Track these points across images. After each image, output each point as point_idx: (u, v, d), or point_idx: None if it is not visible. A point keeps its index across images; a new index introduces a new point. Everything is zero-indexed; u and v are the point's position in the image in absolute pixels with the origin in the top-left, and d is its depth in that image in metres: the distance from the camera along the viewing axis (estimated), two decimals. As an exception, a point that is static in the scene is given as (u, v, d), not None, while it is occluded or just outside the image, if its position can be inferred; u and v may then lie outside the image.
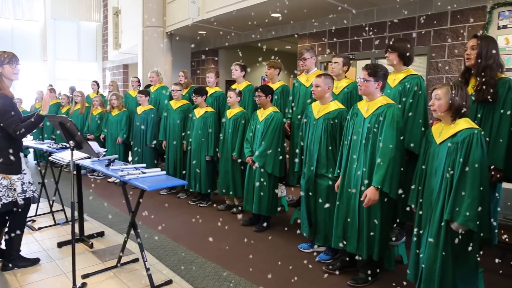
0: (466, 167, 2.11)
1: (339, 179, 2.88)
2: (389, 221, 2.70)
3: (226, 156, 4.43)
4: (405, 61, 2.93)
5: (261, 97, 3.90)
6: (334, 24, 5.92)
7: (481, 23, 4.41)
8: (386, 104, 2.64)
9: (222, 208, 4.69)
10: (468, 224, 2.08)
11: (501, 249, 3.39)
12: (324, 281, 2.87)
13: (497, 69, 2.47)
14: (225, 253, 3.34)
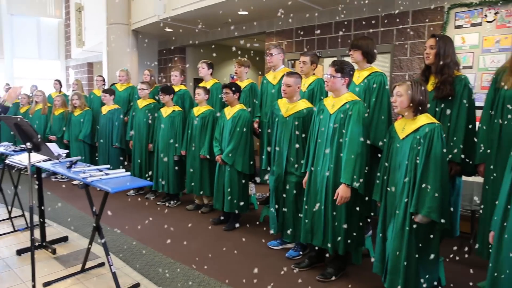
0: (428, 161, 2.18)
1: (307, 175, 2.92)
2: (356, 216, 2.75)
3: (193, 154, 4.38)
4: (369, 58, 3.00)
5: (228, 95, 3.88)
6: (301, 22, 5.98)
7: (440, 22, 4.58)
8: (352, 100, 2.68)
9: (191, 208, 4.63)
10: (431, 216, 2.16)
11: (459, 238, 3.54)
12: (293, 277, 2.90)
13: (454, 67, 2.58)
14: (194, 253, 3.30)
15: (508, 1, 4.12)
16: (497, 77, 2.41)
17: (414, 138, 2.26)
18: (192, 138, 4.41)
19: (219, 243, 3.56)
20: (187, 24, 7.04)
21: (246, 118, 3.85)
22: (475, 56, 4.37)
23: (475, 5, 4.33)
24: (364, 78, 3.00)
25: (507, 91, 2.30)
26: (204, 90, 4.35)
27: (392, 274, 2.33)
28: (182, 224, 4.02)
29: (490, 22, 4.26)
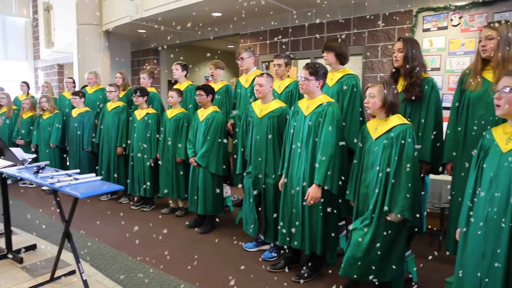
0: (401, 161, 2.24)
1: (283, 177, 2.93)
2: (332, 216, 2.78)
3: (167, 157, 4.33)
4: (341, 60, 3.05)
5: (202, 96, 3.85)
6: (275, 24, 6.02)
7: (409, 26, 4.71)
8: (327, 102, 2.71)
9: (166, 212, 4.57)
10: (404, 214, 2.22)
11: (429, 235, 3.66)
12: (269, 279, 2.90)
13: (421, 69, 2.65)
14: (169, 257, 3.25)
15: (471, 6, 4.29)
16: (462, 79, 2.49)
17: (387, 139, 2.31)
18: (166, 140, 4.35)
19: (194, 246, 3.53)
20: (160, 25, 6.94)
21: (220, 119, 3.83)
22: (442, 59, 4.52)
23: (441, 9, 4.48)
24: (337, 80, 3.04)
25: (472, 93, 2.38)
26: (177, 92, 4.30)
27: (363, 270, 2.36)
28: (156, 228, 3.96)
29: (455, 26, 4.42)
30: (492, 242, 1.77)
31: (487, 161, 1.86)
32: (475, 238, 1.84)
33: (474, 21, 4.30)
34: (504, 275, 1.71)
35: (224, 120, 3.91)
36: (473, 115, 2.36)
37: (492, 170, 1.81)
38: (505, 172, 1.75)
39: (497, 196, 1.76)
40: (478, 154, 1.93)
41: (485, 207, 1.80)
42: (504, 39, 2.21)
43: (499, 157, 1.79)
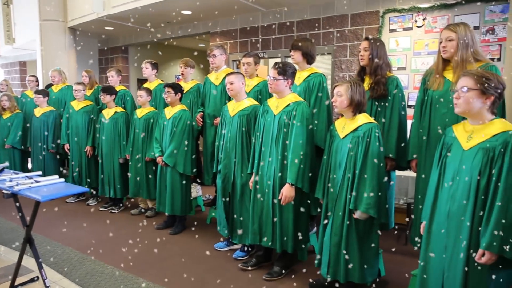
0: (366, 159, 2.28)
1: (253, 176, 2.93)
2: (303, 214, 2.81)
3: (138, 157, 4.24)
4: (308, 59, 3.08)
5: (170, 94, 3.79)
6: (245, 22, 6.01)
7: (376, 26, 4.83)
8: (296, 101, 2.72)
9: (136, 213, 4.47)
10: (369, 212, 2.26)
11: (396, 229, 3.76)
12: (240, 278, 2.90)
13: (386, 68, 2.72)
14: (138, 259, 3.18)
15: (434, 9, 4.44)
16: (425, 78, 2.57)
17: (353, 137, 2.35)
18: (136, 140, 4.26)
19: (164, 247, 3.47)
20: (128, 23, 6.78)
21: (187, 118, 3.78)
22: (408, 58, 4.66)
23: (406, 11, 4.61)
24: (304, 78, 3.07)
25: (434, 92, 2.46)
26: (146, 91, 4.22)
27: (334, 268, 2.41)
28: (126, 230, 3.87)
29: (419, 27, 4.56)
30: (453, 236, 1.83)
31: (449, 158, 1.92)
32: (438, 233, 1.91)
33: (436, 22, 4.46)
34: (464, 267, 1.78)
35: (191, 119, 3.86)
36: (436, 114, 2.44)
37: (454, 167, 1.87)
38: (466, 169, 1.81)
39: (458, 192, 1.82)
40: (440, 151, 1.99)
41: (447, 203, 1.87)
42: (462, 41, 2.29)
43: (461, 155, 1.85)
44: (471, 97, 1.79)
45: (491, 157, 1.74)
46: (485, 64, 2.29)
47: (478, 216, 1.75)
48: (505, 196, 1.66)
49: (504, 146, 1.71)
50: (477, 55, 2.32)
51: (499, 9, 4.12)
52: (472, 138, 1.84)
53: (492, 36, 4.17)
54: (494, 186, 1.71)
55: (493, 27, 4.16)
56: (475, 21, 4.20)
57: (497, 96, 1.80)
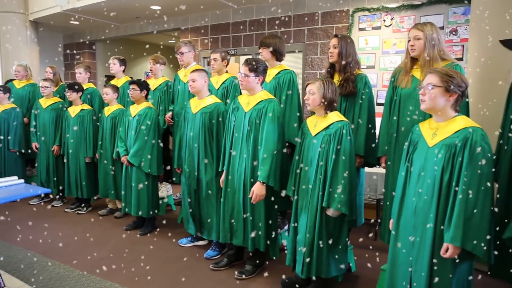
0: (338, 157, 2.30)
1: (223, 174, 2.89)
2: (274, 212, 2.80)
3: (106, 156, 4.11)
4: (277, 56, 3.07)
5: (135, 91, 3.69)
6: (216, 19, 5.95)
7: (346, 24, 4.89)
8: (267, 99, 2.71)
9: (104, 213, 4.34)
10: (341, 209, 2.28)
11: (367, 225, 3.83)
12: (212, 277, 2.86)
13: (355, 66, 2.76)
14: (106, 262, 3.08)
15: (401, 9, 4.55)
16: (394, 76, 2.62)
17: (325, 135, 2.36)
18: (104, 139, 4.13)
19: (134, 248, 3.38)
20: (95, 17, 6.55)
21: (153, 115, 3.68)
22: (377, 57, 4.75)
23: (375, 10, 4.69)
24: (274, 75, 3.07)
25: (403, 90, 2.51)
26: (112, 89, 4.09)
27: (307, 266, 2.41)
28: (93, 231, 3.74)
29: (387, 26, 4.66)
30: (420, 231, 1.87)
31: (415, 155, 1.96)
32: (405, 228, 1.95)
33: (404, 22, 4.57)
34: (430, 262, 1.82)
35: (157, 117, 3.76)
36: (404, 111, 2.49)
37: (419, 164, 1.91)
38: (431, 165, 1.85)
39: (424, 188, 1.86)
40: (407, 148, 2.03)
41: (413, 198, 1.91)
42: (429, 39, 2.35)
43: (426, 151, 1.90)
44: (436, 94, 1.83)
45: (453, 153, 1.79)
46: (450, 63, 2.36)
47: (442, 211, 1.80)
48: (465, 190, 1.71)
49: (464, 142, 1.76)
50: (443, 54, 2.38)
51: (461, 11, 4.26)
52: (436, 135, 1.88)
53: (455, 37, 4.32)
54: (456, 181, 1.75)
55: (456, 28, 4.31)
56: (439, 21, 4.33)
57: (460, 94, 1.85)
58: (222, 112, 3.08)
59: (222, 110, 3.09)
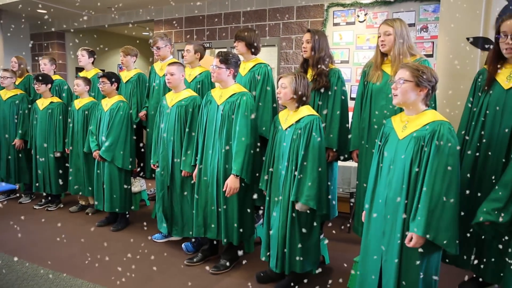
0: (307, 151, 2.31)
1: (196, 168, 2.86)
2: (248, 205, 2.80)
3: (77, 151, 3.99)
4: (253, 50, 3.06)
5: (106, 85, 3.59)
6: (191, 11, 5.85)
7: (321, 19, 4.92)
8: (240, 92, 2.69)
9: (75, 210, 4.22)
10: (309, 203, 2.29)
11: (340, 218, 3.90)
12: (187, 273, 2.84)
13: (328, 60, 2.78)
14: (77, 260, 3.00)
15: (374, 5, 4.62)
16: (365, 71, 2.66)
17: (296, 129, 2.37)
18: (75, 133, 4.00)
19: (107, 245, 3.30)
20: (64, 6, 6.30)
21: (126, 109, 3.60)
22: (351, 52, 4.81)
23: (349, 5, 4.75)
24: (249, 69, 3.05)
25: (374, 85, 2.55)
26: (84, 81, 3.96)
27: (280, 260, 2.43)
28: (64, 229, 3.63)
29: (361, 22, 4.73)
30: (390, 222, 1.92)
31: (386, 148, 2.00)
32: (377, 219, 1.98)
33: (377, 18, 4.64)
34: (400, 252, 1.87)
35: (129, 110, 3.68)
36: (375, 106, 2.53)
37: (390, 156, 1.95)
38: (400, 157, 1.90)
39: (394, 179, 1.90)
40: (379, 141, 2.07)
41: (384, 190, 1.94)
42: (399, 35, 2.39)
43: (396, 144, 1.94)
44: (407, 88, 1.87)
45: (421, 145, 1.83)
46: (419, 58, 2.41)
47: (411, 201, 1.84)
48: (430, 181, 1.76)
49: (432, 134, 1.81)
50: (412, 50, 2.43)
51: (431, 9, 4.37)
52: (406, 128, 1.93)
53: (426, 34, 4.43)
54: (423, 172, 1.80)
55: (426, 25, 4.42)
56: (410, 18, 4.43)
57: (429, 89, 1.89)
58: (198, 106, 3.04)
59: (199, 103, 3.05)
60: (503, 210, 1.87)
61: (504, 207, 1.87)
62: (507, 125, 2.08)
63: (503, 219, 1.83)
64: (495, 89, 2.13)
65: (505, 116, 2.08)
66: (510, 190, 1.87)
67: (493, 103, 2.13)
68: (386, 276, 1.92)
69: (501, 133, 2.10)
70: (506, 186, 1.89)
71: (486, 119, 2.16)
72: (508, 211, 1.86)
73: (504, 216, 1.83)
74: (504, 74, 2.10)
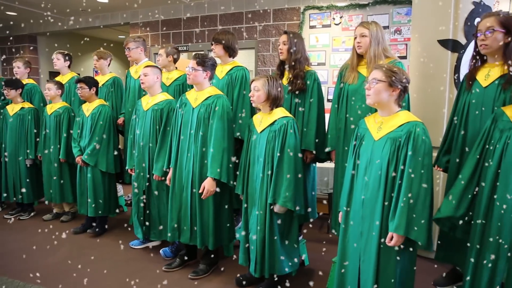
0: (283, 153, 2.31)
1: (171, 171, 2.82)
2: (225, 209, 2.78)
3: (50, 157, 3.87)
4: (230, 52, 3.05)
5: (84, 90, 3.51)
6: (167, 14, 5.81)
7: (297, 22, 4.97)
8: (216, 94, 2.68)
9: (49, 218, 4.09)
10: (287, 205, 2.28)
11: (319, 219, 3.93)
12: (165, 279, 2.79)
13: (304, 62, 2.80)
14: (53, 269, 2.91)
15: (349, 8, 4.70)
16: (341, 73, 2.69)
17: (270, 132, 2.37)
18: (47, 139, 3.89)
19: (82, 253, 3.21)
20: (34, 8, 6.13)
21: (107, 113, 3.54)
22: (327, 54, 4.87)
23: (325, 8, 4.81)
24: (226, 72, 3.05)
25: (350, 86, 2.58)
26: (56, 85, 3.85)
27: (260, 264, 2.42)
28: (37, 238, 3.51)
29: (337, 24, 4.80)
30: (367, 223, 1.94)
31: (362, 149, 2.02)
32: (354, 219, 2.00)
33: (352, 21, 4.72)
34: (377, 251, 1.89)
35: (111, 114, 3.62)
36: (352, 106, 2.56)
37: (366, 157, 1.97)
38: (377, 158, 1.92)
39: (371, 180, 1.93)
40: (354, 142, 2.09)
41: (361, 191, 1.96)
42: (374, 37, 2.44)
43: (372, 145, 1.96)
44: (380, 88, 1.90)
45: (397, 146, 1.87)
46: (393, 60, 2.46)
47: (388, 202, 1.87)
48: (408, 181, 1.80)
49: (408, 135, 1.84)
50: (386, 52, 2.48)
51: (404, 12, 4.48)
52: (381, 129, 1.95)
53: (400, 36, 4.53)
54: (401, 172, 1.83)
55: (400, 28, 4.52)
56: (385, 21, 4.53)
57: (402, 89, 1.93)
58: (174, 109, 3.00)
59: (174, 107, 3.01)
60: (458, 204, 1.96)
61: (459, 203, 1.96)
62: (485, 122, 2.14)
63: (457, 213, 1.90)
64: (475, 88, 2.19)
65: (484, 113, 2.14)
66: (464, 186, 1.94)
67: (473, 101, 2.19)
68: (364, 276, 1.94)
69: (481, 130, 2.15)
70: (461, 182, 1.96)
71: (468, 117, 2.23)
72: (462, 205, 1.95)
73: (459, 210, 1.90)
74: (483, 72, 2.17)
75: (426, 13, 2.93)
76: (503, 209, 1.82)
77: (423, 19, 2.96)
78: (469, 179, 1.98)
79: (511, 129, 1.74)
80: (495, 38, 2.04)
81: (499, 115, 1.85)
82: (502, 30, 2.02)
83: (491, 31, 2.04)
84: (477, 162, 1.98)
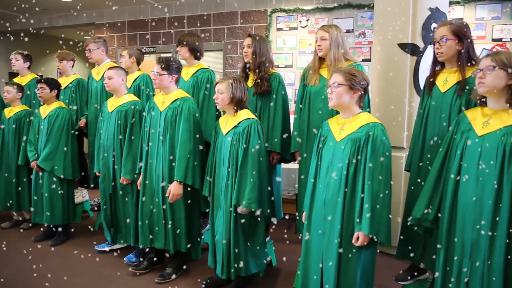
0: (247, 155, 2.33)
1: (141, 175, 2.78)
2: (195, 211, 2.76)
3: (7, 163, 3.72)
4: (196, 55, 3.05)
5: (44, 91, 3.39)
6: (134, 15, 5.71)
7: (264, 24, 5.02)
8: (182, 97, 2.66)
9: (8, 226, 3.92)
10: (251, 206, 2.30)
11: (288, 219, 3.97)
12: (131, 284, 2.74)
13: (269, 65, 2.83)
14: (11, 279, 2.79)
15: (316, 11, 4.79)
16: (304, 75, 2.74)
17: (235, 133, 2.39)
18: (5, 144, 3.73)
19: (45, 261, 3.09)
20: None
21: (66, 116, 3.41)
22: (294, 57, 4.94)
23: (291, 11, 4.88)
24: (192, 74, 3.04)
25: (312, 88, 2.64)
26: (15, 87, 3.71)
27: (226, 266, 2.43)
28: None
29: (304, 27, 4.88)
30: (329, 222, 1.98)
31: (324, 150, 2.07)
32: (316, 220, 2.05)
33: (318, 24, 4.81)
34: (338, 250, 1.94)
35: (70, 117, 3.50)
36: (314, 108, 2.62)
37: (328, 158, 2.02)
38: (338, 158, 1.97)
39: (332, 180, 1.97)
40: (317, 143, 2.14)
41: (323, 191, 2.01)
42: (334, 40, 2.50)
43: (334, 146, 2.01)
44: (341, 91, 1.96)
45: (357, 147, 1.92)
46: (353, 62, 2.53)
47: (348, 202, 1.92)
48: (369, 181, 1.85)
49: (367, 136, 1.91)
50: (347, 55, 2.56)
51: (368, 16, 4.62)
52: (343, 130, 2.01)
53: (364, 39, 4.66)
54: (362, 173, 1.89)
55: (364, 31, 4.65)
56: (349, 24, 4.65)
57: (362, 91, 1.99)
58: (139, 111, 2.96)
59: (140, 108, 2.97)
60: (428, 208, 1.98)
61: (428, 205, 1.99)
62: (444, 126, 2.22)
63: (428, 216, 1.95)
64: (434, 92, 2.28)
65: (442, 118, 2.23)
66: (430, 191, 1.96)
67: (433, 106, 2.28)
68: (327, 275, 1.99)
69: (440, 134, 2.23)
70: (428, 188, 1.99)
71: (428, 121, 2.31)
72: (432, 209, 1.97)
73: (430, 214, 1.95)
74: (442, 78, 2.26)
75: (387, 18, 3.04)
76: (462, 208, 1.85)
77: (384, 23, 3.06)
78: (436, 180, 1.95)
79: (470, 130, 1.82)
80: (449, 46, 2.14)
81: (461, 118, 1.92)
82: (454, 38, 2.12)
83: (445, 40, 2.14)
84: (441, 164, 1.99)
